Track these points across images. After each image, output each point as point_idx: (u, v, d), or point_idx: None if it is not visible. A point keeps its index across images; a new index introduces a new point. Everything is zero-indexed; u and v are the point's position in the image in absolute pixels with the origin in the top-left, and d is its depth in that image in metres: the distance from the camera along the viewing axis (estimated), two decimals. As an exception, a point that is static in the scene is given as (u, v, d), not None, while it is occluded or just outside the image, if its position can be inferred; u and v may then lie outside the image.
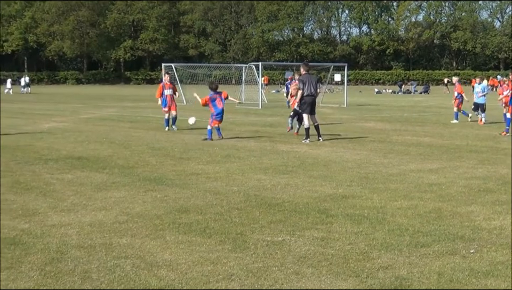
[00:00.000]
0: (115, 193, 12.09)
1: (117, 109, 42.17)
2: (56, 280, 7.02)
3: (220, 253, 8.03)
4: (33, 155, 17.53)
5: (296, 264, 7.57)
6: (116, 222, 9.69)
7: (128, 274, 7.22)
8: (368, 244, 8.43)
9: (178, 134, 23.89)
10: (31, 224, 9.58)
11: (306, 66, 22.53)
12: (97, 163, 15.99)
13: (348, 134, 24.14)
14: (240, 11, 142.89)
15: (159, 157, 17.31)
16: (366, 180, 13.55)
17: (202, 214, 10.20)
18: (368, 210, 10.49)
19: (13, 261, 7.69)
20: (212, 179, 13.71)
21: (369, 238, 8.79)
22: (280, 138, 22.53)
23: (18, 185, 12.93)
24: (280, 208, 10.67)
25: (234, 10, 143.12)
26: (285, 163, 16.13)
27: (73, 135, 23.29)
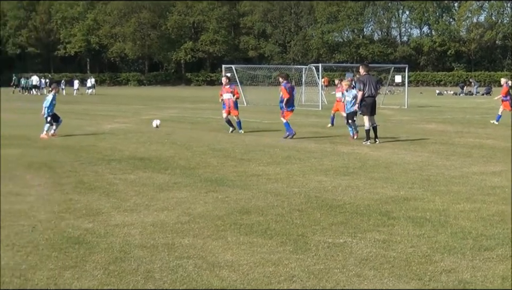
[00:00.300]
0: (177, 193, 12.19)
1: (178, 110, 42.47)
2: (120, 279, 7.11)
3: (281, 254, 8.04)
4: (96, 156, 17.77)
5: (357, 266, 7.55)
6: (178, 222, 9.77)
7: (191, 274, 7.27)
8: (430, 247, 8.36)
9: (239, 135, 23.96)
10: (95, 223, 9.71)
11: (366, 67, 22.39)
12: (159, 164, 16.13)
13: (409, 136, 23.93)
14: (300, 13, 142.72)
15: (220, 158, 17.39)
16: (428, 183, 13.42)
17: (264, 215, 10.23)
18: (430, 213, 10.39)
19: (77, 260, 7.81)
20: (273, 180, 13.73)
21: (432, 240, 8.71)
22: (341, 139, 22.45)
23: (82, 185, 13.12)
24: (341, 210, 10.64)
25: (294, 12, 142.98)
26: (346, 165, 16.08)
27: (135, 136, 23.54)
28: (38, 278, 7.15)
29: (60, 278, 7.15)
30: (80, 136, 23.60)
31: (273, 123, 30.25)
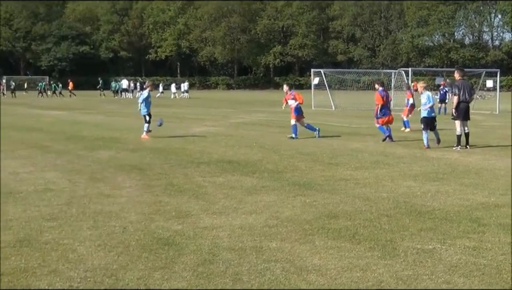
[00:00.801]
0: (265, 197, 12.24)
1: (266, 114, 42.63)
2: (208, 281, 7.18)
3: (369, 260, 8.00)
4: (186, 159, 17.98)
5: (447, 273, 7.45)
6: (266, 225, 9.81)
7: (278, 277, 7.30)
8: (522, 256, 8.20)
9: (326, 140, 23.88)
10: (184, 225, 9.83)
11: (462, 71, 21.95)
12: (248, 167, 16.22)
13: (500, 142, 23.45)
14: (389, 17, 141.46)
15: (308, 162, 17.38)
16: (520, 190, 13.14)
17: (352, 220, 10.19)
18: (523, 220, 10.18)
19: (167, 261, 7.93)
20: (361, 185, 13.66)
21: (524, 249, 8.54)
22: (431, 144, 22.13)
23: (172, 187, 13.29)
24: (430, 216, 10.51)
25: (384, 16, 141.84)
26: (435, 170, 15.87)
27: (224, 139, 23.72)
28: (128, 278, 7.28)
29: (150, 278, 7.27)
30: (170, 138, 23.91)
31: (361, 127, 30.11)
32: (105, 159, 17.85)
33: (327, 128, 28.80)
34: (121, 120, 35.88)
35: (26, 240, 8.90)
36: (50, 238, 9.04)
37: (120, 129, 28.57)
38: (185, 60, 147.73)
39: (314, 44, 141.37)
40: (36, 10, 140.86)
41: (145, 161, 17.48)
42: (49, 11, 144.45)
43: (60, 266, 7.71)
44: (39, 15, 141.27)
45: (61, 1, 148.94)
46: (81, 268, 7.62)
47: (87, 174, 15.04)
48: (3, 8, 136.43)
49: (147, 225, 9.83)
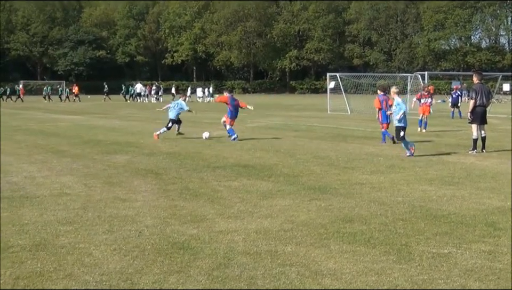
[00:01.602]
0: (280, 201, 12.24)
1: (282, 118, 42.61)
2: (223, 285, 7.20)
3: (384, 264, 7.99)
4: (201, 163, 18.00)
5: (462, 278, 7.43)
6: (281, 229, 9.81)
7: (293, 282, 7.30)
8: (538, 260, 8.16)
9: (341, 144, 23.84)
10: (199, 229, 9.85)
11: (480, 75, 21.84)
12: (263, 172, 16.23)
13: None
14: (406, 20, 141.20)
15: (324, 166, 17.37)
16: (537, 194, 13.07)
17: (367, 224, 10.18)
18: (539, 225, 10.13)
19: (182, 265, 7.95)
20: (376, 189, 13.64)
21: (540, 253, 8.50)
22: (446, 148, 22.08)
23: (187, 191, 13.32)
24: (446, 220, 10.48)
25: (400, 19, 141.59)
26: (451, 175, 15.82)
27: (239, 143, 23.74)
28: (144, 282, 7.31)
29: (165, 282, 7.29)
30: (186, 143, 23.96)
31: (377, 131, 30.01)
32: (121, 163, 17.91)
33: (342, 132, 28.79)
34: (137, 124, 35.96)
35: (42, 244, 8.94)
36: (66, 241, 9.08)
37: (136, 133, 28.65)
38: (201, 64, 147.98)
39: (330, 48, 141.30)
40: (53, 14, 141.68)
41: (161, 165, 17.52)
42: (66, 16, 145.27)
43: (75, 270, 7.75)
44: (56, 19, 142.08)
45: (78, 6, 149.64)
46: (96, 272, 7.65)
47: (103, 178, 15.09)
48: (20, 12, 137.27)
49: (162, 229, 9.86)
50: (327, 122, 38.64)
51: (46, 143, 24.12)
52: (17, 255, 8.39)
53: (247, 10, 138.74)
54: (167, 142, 24.12)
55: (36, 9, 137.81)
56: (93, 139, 25.44)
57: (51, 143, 24.12)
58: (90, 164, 17.79)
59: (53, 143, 23.90)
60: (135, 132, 29.45)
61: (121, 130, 31.16)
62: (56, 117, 45.22)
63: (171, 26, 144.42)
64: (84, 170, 16.58)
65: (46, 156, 19.75)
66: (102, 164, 17.68)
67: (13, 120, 40.26)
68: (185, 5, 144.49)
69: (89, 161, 18.54)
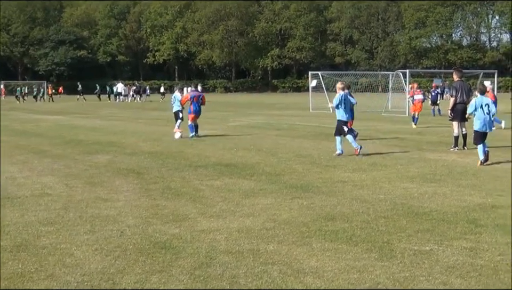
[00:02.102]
0: (262, 199, 12.24)
1: (264, 117, 42.60)
2: (205, 285, 7.19)
3: (366, 261, 8.01)
4: (183, 162, 17.98)
5: (444, 274, 7.46)
6: (263, 228, 9.81)
7: (275, 280, 7.30)
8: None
9: (323, 142, 23.86)
10: (181, 229, 9.84)
11: (460, 72, 21.91)
12: (245, 170, 16.23)
13: (497, 143, 23.43)
14: (387, 19, 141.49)
15: (306, 165, 17.38)
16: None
17: (349, 222, 10.19)
18: (520, 221, 10.18)
19: (164, 265, 7.94)
20: (358, 187, 13.67)
21: (521, 249, 8.54)
22: (428, 146, 22.16)
23: (169, 191, 13.30)
24: (427, 217, 10.52)
25: (381, 18, 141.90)
26: (433, 172, 15.87)
27: (221, 142, 23.72)
28: (125, 282, 7.29)
29: (147, 282, 7.28)
30: (168, 142, 23.93)
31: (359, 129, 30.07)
32: (103, 163, 17.86)
33: (324, 131, 28.79)
34: (118, 124, 35.86)
35: (24, 245, 8.91)
36: (47, 242, 9.05)
37: (118, 133, 28.58)
38: (183, 63, 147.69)
39: (312, 46, 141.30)
40: (34, 15, 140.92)
41: (142, 164, 17.48)
42: (46, 16, 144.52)
43: (56, 271, 7.72)
44: (36, 19, 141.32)
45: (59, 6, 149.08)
46: (78, 273, 7.63)
47: (84, 178, 15.05)
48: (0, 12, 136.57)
49: (144, 229, 9.84)
50: (309, 120, 38.71)
51: (27, 143, 24.03)
52: None
53: (229, 9, 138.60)
54: (148, 141, 24.07)
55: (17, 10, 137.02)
56: (74, 139, 25.36)
57: (32, 143, 24.02)
58: (72, 164, 17.73)
59: (34, 143, 23.81)
60: (117, 132, 29.37)
61: (102, 129, 31.07)
62: (38, 117, 45.02)
63: (152, 26, 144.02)
64: (65, 170, 16.53)
65: (27, 156, 19.68)
66: (84, 165, 17.63)
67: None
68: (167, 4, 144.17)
69: (71, 161, 18.47)
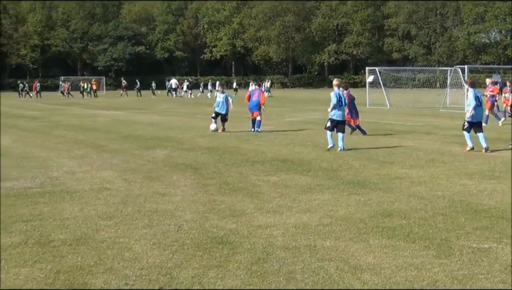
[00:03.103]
0: (319, 195, 12.22)
1: (321, 113, 42.41)
2: (262, 280, 7.21)
3: (424, 258, 7.94)
4: (240, 158, 18.03)
5: (503, 273, 7.37)
6: (320, 224, 9.80)
7: (332, 276, 7.29)
8: None
9: (380, 138, 23.73)
10: (238, 224, 9.87)
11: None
12: (302, 166, 16.21)
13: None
14: (445, 14, 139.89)
15: (363, 160, 17.30)
16: None
17: (406, 219, 10.12)
18: None
19: (221, 260, 7.97)
20: (416, 183, 13.55)
21: None
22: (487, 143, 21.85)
23: (226, 186, 13.35)
24: (486, 214, 10.39)
25: (439, 13, 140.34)
26: (492, 169, 15.66)
27: (278, 138, 23.73)
28: (183, 276, 7.34)
29: (204, 276, 7.32)
30: (224, 138, 24.01)
31: (416, 125, 29.85)
32: (160, 158, 18.00)
33: (381, 127, 28.62)
34: (175, 119, 36.10)
35: (83, 239, 9.03)
36: (106, 236, 9.16)
37: (175, 128, 28.77)
38: (239, 59, 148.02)
39: (369, 42, 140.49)
40: (93, 11, 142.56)
41: (199, 160, 17.58)
42: (105, 12, 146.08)
43: (115, 264, 7.81)
44: (95, 16, 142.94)
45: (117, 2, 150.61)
46: (136, 267, 7.71)
47: (142, 173, 15.19)
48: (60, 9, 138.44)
49: (201, 223, 9.90)
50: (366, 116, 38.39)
51: (85, 138, 24.33)
52: (58, 249, 8.48)
53: (285, 4, 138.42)
54: (206, 137, 24.20)
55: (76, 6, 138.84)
56: (132, 134, 25.62)
57: (91, 138, 24.32)
58: (130, 159, 17.92)
59: (92, 138, 24.10)
60: (174, 127, 29.57)
61: (160, 125, 31.31)
62: (94, 112, 45.53)
63: (210, 22, 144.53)
64: (124, 165, 16.70)
65: (86, 151, 19.94)
66: (142, 159, 17.79)
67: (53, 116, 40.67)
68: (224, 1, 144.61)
69: (129, 156, 18.67)
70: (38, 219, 10.26)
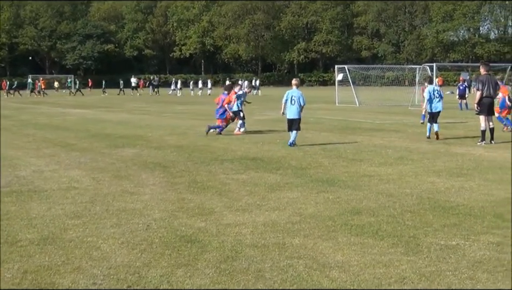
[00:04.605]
0: (288, 193, 12.23)
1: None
2: (231, 278, 7.20)
3: (392, 256, 7.98)
4: (209, 156, 18.00)
5: (470, 269, 7.41)
6: (288, 222, 9.80)
7: (301, 274, 7.29)
8: (547, 251, 8.13)
9: (349, 136, 23.82)
10: (207, 222, 9.85)
11: (487, 66, 21.73)
12: (271, 164, 16.22)
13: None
14: (414, 12, 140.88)
15: (332, 158, 17.35)
16: (546, 185, 13.02)
17: (375, 216, 10.16)
18: (548, 216, 10.09)
19: (190, 258, 7.95)
20: (385, 181, 13.61)
21: (549, 244, 8.46)
22: (455, 140, 22.05)
23: (195, 184, 13.32)
24: (454, 212, 10.46)
25: (408, 11, 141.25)
26: (460, 166, 15.77)
27: (248, 136, 23.74)
28: (151, 275, 7.31)
29: (173, 275, 7.29)
30: (194, 136, 23.96)
31: (385, 123, 30.01)
32: (129, 157, 17.93)
33: (350, 124, 28.75)
34: (145, 117, 35.98)
35: (50, 238, 8.96)
36: (74, 235, 9.10)
37: (144, 127, 28.67)
38: (209, 57, 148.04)
39: (338, 40, 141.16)
40: (61, 9, 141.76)
41: (169, 158, 17.53)
42: (74, 10, 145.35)
43: (83, 264, 7.76)
44: (64, 14, 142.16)
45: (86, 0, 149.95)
46: (104, 266, 7.66)
47: (111, 172, 15.12)
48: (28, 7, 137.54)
49: (170, 222, 9.86)
50: (336, 114, 38.63)
51: (54, 136, 24.17)
52: (25, 249, 8.41)
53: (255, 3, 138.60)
54: (174, 135, 24.14)
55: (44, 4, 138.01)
56: (101, 133, 25.51)
57: (59, 136, 24.16)
58: (99, 158, 17.82)
59: (61, 137, 23.94)
60: (143, 125, 29.47)
61: (128, 123, 31.18)
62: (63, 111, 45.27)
63: (179, 20, 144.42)
64: (92, 164, 16.61)
65: (54, 150, 19.80)
66: (110, 158, 17.71)
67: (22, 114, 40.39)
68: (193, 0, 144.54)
69: (98, 154, 18.57)
70: (5, 218, 10.16)
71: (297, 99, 20.56)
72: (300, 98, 20.61)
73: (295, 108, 20.62)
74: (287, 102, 20.69)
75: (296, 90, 20.84)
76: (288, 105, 20.64)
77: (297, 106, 20.62)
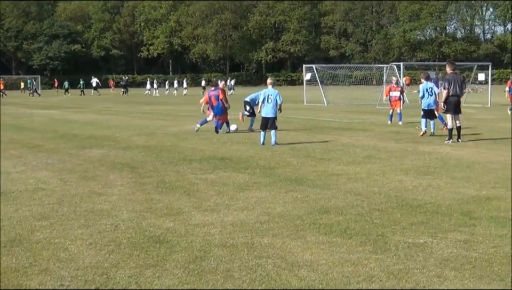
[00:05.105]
0: (257, 193, 12.23)
1: (259, 110, 42.55)
2: (200, 278, 7.18)
3: (360, 254, 8.00)
4: (177, 156, 17.96)
5: (438, 267, 7.46)
6: (257, 221, 9.81)
7: (270, 273, 7.29)
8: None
9: (318, 135, 23.88)
10: (176, 223, 9.82)
11: (452, 65, 21.89)
12: (240, 164, 16.22)
13: (492, 135, 23.50)
14: (381, 11, 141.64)
15: (300, 158, 17.38)
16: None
17: (343, 215, 10.19)
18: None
19: (158, 259, 7.92)
20: (353, 180, 13.66)
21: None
22: (422, 139, 22.18)
23: (163, 185, 13.28)
24: (421, 210, 10.52)
25: (375, 10, 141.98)
26: (427, 164, 15.88)
27: (216, 136, 23.72)
28: (119, 276, 7.28)
29: (141, 276, 7.26)
30: (162, 136, 23.90)
31: (353, 122, 30.13)
32: (97, 158, 17.83)
33: (319, 124, 28.82)
34: (112, 118, 35.81)
35: (17, 240, 8.88)
36: (41, 237, 9.03)
37: (112, 127, 28.54)
38: (177, 57, 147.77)
39: (306, 40, 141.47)
40: (27, 9, 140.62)
41: (136, 159, 17.46)
42: (40, 10, 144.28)
43: (51, 265, 7.71)
44: (30, 14, 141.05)
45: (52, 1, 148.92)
46: (72, 267, 7.61)
47: (78, 173, 15.02)
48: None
49: (138, 223, 9.82)
50: (304, 114, 38.72)
51: (21, 137, 23.97)
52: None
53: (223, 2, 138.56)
54: (142, 136, 24.06)
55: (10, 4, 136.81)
56: (68, 134, 25.34)
57: (26, 137, 23.97)
58: (66, 159, 17.70)
59: (28, 138, 23.76)
60: (111, 126, 29.33)
61: (96, 124, 31.01)
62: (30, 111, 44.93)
63: (146, 20, 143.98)
64: (60, 165, 16.50)
65: (21, 151, 19.63)
66: (78, 159, 17.60)
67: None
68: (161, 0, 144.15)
69: (65, 155, 18.44)
70: (-29, 221, 10.07)
71: (274, 98, 20.61)
72: (277, 97, 20.67)
73: (271, 107, 20.70)
74: (264, 101, 20.67)
75: (272, 89, 20.93)
76: (265, 104, 20.65)
77: (273, 104, 20.69)
